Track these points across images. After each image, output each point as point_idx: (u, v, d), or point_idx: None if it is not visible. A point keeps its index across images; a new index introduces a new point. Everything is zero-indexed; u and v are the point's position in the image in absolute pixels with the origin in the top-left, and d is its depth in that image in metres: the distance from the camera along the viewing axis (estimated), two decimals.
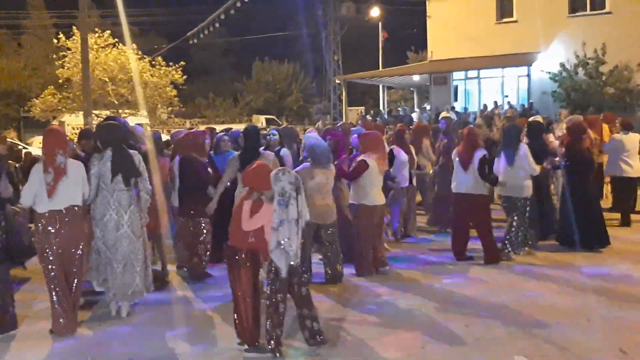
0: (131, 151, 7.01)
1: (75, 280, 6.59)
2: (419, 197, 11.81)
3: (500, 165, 9.24)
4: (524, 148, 9.08)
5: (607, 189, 13.24)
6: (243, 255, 5.59)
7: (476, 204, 8.88)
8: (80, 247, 6.60)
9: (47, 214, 6.40)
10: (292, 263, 5.49)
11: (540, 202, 9.76)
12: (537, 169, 9.12)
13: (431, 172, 11.65)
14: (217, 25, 37.68)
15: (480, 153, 8.82)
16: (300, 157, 9.58)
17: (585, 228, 9.40)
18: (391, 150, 9.74)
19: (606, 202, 12.52)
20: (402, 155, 9.89)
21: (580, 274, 8.24)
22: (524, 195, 9.10)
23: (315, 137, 8.91)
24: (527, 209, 9.18)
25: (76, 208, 6.53)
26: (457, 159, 9.04)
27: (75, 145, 9.28)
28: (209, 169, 8.60)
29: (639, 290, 7.45)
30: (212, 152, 9.49)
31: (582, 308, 6.81)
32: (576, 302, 7.01)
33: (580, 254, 9.17)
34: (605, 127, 13.10)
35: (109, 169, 6.74)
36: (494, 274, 8.37)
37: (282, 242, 5.42)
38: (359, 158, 8.34)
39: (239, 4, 36.68)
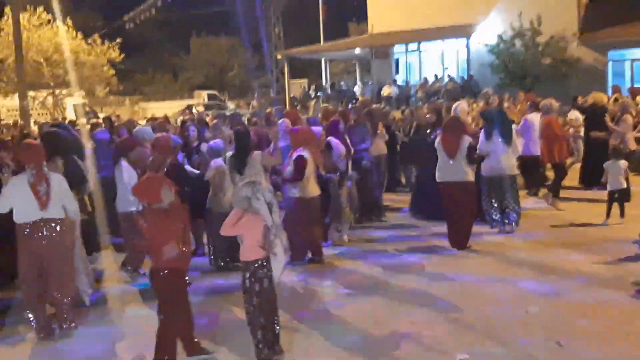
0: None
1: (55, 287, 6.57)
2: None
3: (493, 145, 9.46)
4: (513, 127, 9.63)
5: None
6: (163, 274, 5.45)
7: (466, 191, 8.90)
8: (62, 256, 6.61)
9: (32, 223, 6.38)
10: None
11: None
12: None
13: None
14: (153, 11, 36.79)
15: (467, 140, 8.90)
16: None
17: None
18: (328, 142, 9.74)
19: None
20: (340, 147, 9.74)
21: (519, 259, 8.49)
22: (516, 172, 9.79)
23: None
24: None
25: (59, 219, 6.52)
26: (441, 148, 8.94)
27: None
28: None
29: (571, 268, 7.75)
30: None
31: (521, 297, 6.94)
32: (515, 291, 7.15)
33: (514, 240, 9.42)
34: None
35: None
36: (435, 262, 8.51)
37: (276, 250, 5.41)
38: (295, 155, 8.36)
39: None
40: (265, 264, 5.43)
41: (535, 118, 12.08)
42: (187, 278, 5.74)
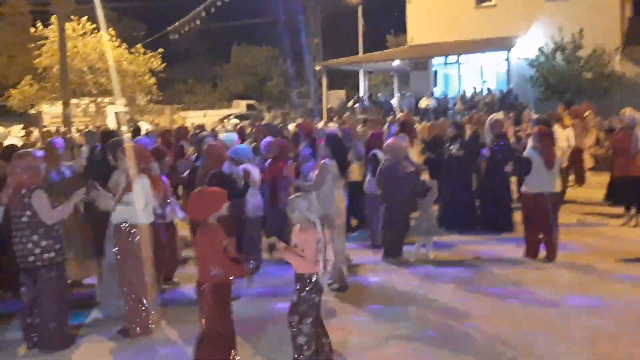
0: None
1: None
2: None
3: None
4: None
5: None
6: (205, 290, 5.34)
7: (557, 201, 9.11)
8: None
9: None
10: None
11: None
12: None
13: None
14: (198, 22, 37.20)
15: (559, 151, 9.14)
16: None
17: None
18: (374, 155, 9.69)
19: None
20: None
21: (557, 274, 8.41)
22: None
23: None
24: None
25: None
26: (538, 158, 8.93)
27: None
28: None
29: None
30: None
31: (560, 316, 6.87)
32: (560, 310, 7.08)
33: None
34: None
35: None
36: (475, 278, 8.47)
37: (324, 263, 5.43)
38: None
39: (219, 3, 36.15)
40: (319, 275, 5.47)
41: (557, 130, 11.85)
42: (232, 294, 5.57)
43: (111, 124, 29.90)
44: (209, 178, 7.65)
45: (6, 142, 22.11)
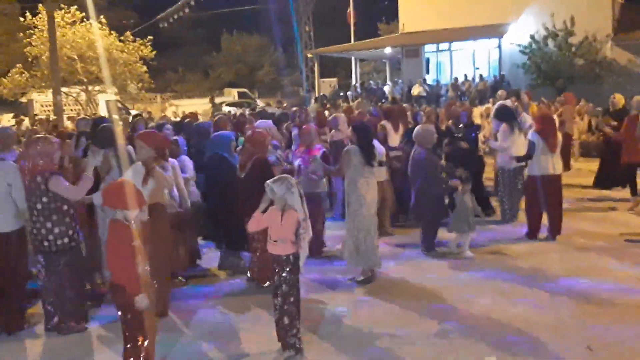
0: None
1: None
2: None
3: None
4: None
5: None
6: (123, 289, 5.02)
7: (560, 182, 9.33)
8: None
9: None
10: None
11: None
12: None
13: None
14: (187, 10, 37.04)
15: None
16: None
17: None
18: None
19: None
20: (380, 148, 9.49)
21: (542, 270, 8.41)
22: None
23: None
24: None
25: None
26: (542, 142, 9.03)
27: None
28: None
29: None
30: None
31: (553, 299, 6.88)
32: (547, 293, 7.07)
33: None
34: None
35: (115, 166, 7.05)
36: (467, 265, 8.45)
37: (303, 244, 5.52)
38: (320, 150, 8.73)
39: None
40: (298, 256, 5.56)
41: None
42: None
43: (102, 112, 29.70)
44: (253, 163, 7.54)
45: None
